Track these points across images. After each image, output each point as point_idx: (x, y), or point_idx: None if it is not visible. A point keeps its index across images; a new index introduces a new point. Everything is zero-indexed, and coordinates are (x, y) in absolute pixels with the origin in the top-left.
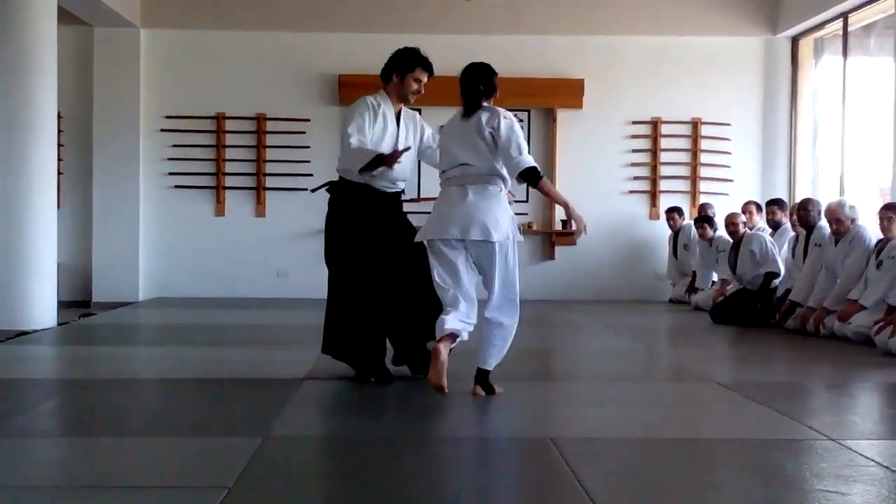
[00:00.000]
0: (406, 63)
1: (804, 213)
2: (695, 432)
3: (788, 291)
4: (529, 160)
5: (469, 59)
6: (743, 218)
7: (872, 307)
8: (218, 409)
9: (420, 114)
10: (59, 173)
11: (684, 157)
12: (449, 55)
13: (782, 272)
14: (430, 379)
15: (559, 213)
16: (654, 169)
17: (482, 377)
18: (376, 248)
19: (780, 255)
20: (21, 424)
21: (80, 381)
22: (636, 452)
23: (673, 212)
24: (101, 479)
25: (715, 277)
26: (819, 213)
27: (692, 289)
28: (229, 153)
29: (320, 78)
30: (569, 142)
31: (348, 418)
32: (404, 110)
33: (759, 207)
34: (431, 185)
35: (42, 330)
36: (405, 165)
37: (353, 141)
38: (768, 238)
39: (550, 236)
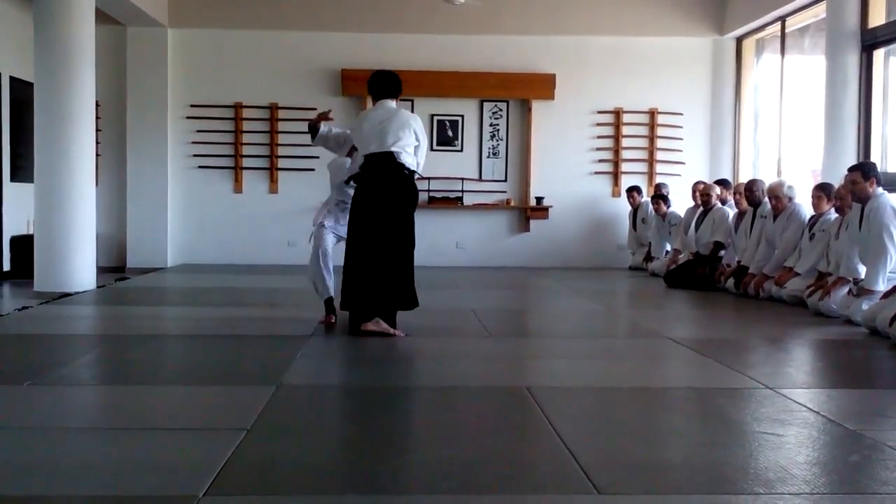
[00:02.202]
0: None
1: (750, 193)
2: (650, 381)
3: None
4: None
5: (453, 57)
6: (717, 191)
7: (805, 273)
8: (236, 361)
9: (413, 105)
10: (97, 155)
11: (642, 143)
12: (435, 52)
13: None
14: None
15: (534, 191)
16: (616, 153)
17: None
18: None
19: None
20: (64, 374)
21: (115, 336)
22: (600, 399)
23: (632, 190)
24: (134, 422)
25: (668, 247)
26: (763, 192)
27: (649, 257)
28: (246, 138)
29: (326, 72)
30: (542, 129)
31: (350, 369)
32: None
33: (727, 186)
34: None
35: (83, 292)
36: None
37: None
38: (730, 214)
39: (526, 211)
